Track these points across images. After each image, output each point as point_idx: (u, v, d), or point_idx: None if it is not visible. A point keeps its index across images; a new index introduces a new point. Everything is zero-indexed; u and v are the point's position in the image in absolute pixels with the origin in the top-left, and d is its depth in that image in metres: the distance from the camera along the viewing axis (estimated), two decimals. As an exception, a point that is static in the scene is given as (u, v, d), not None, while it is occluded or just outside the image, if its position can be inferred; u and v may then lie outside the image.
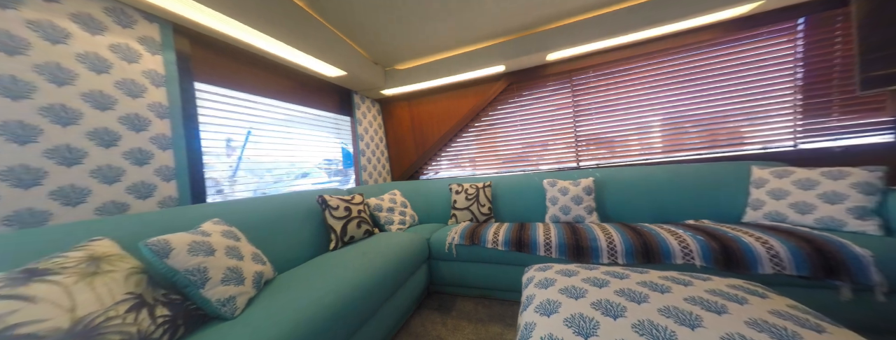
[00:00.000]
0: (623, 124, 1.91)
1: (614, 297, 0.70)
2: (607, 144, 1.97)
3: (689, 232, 1.23)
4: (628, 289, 0.73)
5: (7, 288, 0.49)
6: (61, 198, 0.82)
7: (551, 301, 0.72)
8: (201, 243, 0.78)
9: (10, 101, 0.75)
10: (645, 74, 1.82)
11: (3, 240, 0.64)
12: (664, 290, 0.71)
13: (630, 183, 1.67)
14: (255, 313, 0.75)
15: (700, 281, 0.75)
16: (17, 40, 0.77)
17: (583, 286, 0.77)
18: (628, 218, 1.64)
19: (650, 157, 1.89)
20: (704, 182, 1.52)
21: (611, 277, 0.81)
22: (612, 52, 1.83)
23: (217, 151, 1.36)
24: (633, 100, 1.86)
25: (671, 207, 1.55)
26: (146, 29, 1.03)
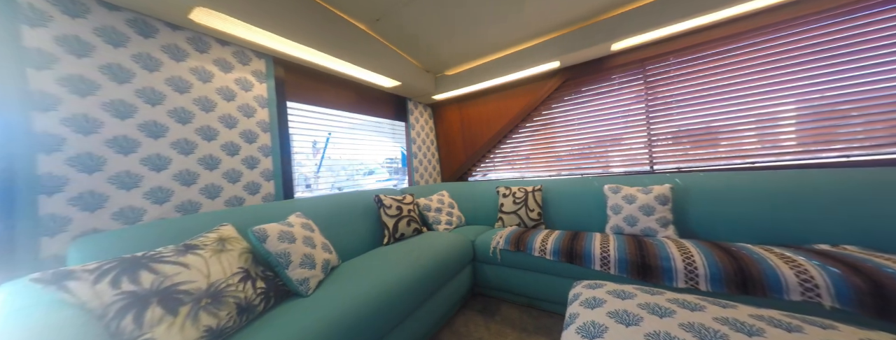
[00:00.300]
0: (718, 119, 1.54)
1: (678, 332, 0.59)
2: (694, 144, 1.62)
3: (814, 261, 0.92)
4: (699, 325, 0.60)
5: (174, 257, 0.72)
6: (206, 193, 1.15)
7: (596, 324, 0.65)
8: (287, 232, 0.98)
9: (180, 125, 1.10)
10: (757, 55, 1.42)
11: (175, 222, 0.94)
12: (753, 333, 0.56)
13: (726, 191, 1.34)
14: (323, 294, 0.91)
15: (817, 328, 0.57)
16: (184, 82, 1.11)
17: (638, 312, 0.67)
18: (720, 235, 1.33)
19: (760, 160, 1.47)
20: (852, 193, 1.10)
21: (678, 306, 0.68)
22: (704, 31, 1.49)
23: (306, 152, 1.69)
24: (734, 88, 1.48)
25: (789, 225, 1.19)
26: (257, 64, 1.35)
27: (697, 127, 1.60)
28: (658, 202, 1.40)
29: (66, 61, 0.85)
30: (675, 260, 1.09)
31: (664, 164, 1.72)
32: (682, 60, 1.59)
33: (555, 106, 2.06)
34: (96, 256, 0.76)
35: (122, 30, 0.96)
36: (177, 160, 1.07)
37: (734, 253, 1.06)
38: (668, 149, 1.69)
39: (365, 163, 2.18)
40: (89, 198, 0.88)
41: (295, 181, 1.55)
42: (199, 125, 1.14)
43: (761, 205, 1.25)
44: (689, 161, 1.64)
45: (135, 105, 0.98)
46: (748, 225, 1.27)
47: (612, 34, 1.54)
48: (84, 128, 0.88)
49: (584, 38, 1.62)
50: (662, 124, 1.69)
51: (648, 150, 1.75)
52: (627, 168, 1.85)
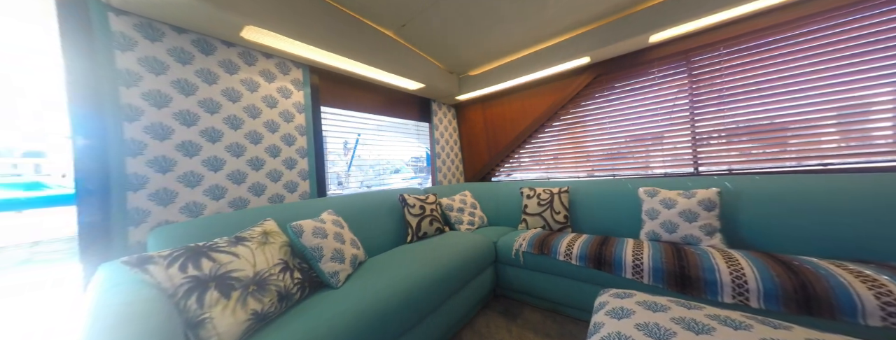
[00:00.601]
0: (785, 113, 1.35)
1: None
2: (753, 142, 1.44)
3: None
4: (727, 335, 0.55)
5: (227, 247, 0.83)
6: (253, 191, 1.29)
7: (622, 336, 0.62)
8: (320, 228, 1.07)
9: (233, 131, 1.24)
10: (842, 35, 1.22)
11: (229, 217, 1.07)
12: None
13: (789, 196, 1.18)
14: (352, 287, 0.97)
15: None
16: (236, 93, 1.26)
17: (671, 326, 0.63)
18: (779, 247, 1.18)
19: (840, 160, 1.26)
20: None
21: (719, 323, 0.63)
22: (766, 14, 1.31)
23: (338, 152, 1.82)
24: (808, 76, 1.29)
25: (871, 239, 1.01)
26: (295, 73, 1.47)
27: (757, 123, 1.42)
28: (702, 207, 1.27)
29: (147, 79, 1.01)
30: (720, 272, 0.99)
31: (711, 165, 1.56)
32: (737, 49, 1.42)
33: (585, 103, 1.96)
34: (168, 244, 0.89)
35: (188, 49, 1.12)
36: (230, 161, 1.22)
37: (795, 267, 0.94)
38: (717, 148, 1.53)
39: (391, 162, 2.29)
40: (163, 194, 1.04)
41: (327, 180, 1.66)
42: (247, 130, 1.28)
43: (836, 214, 1.08)
44: (745, 162, 1.47)
45: (197, 114, 1.13)
46: (816, 237, 1.11)
47: (650, 25, 1.43)
48: (160, 134, 1.04)
49: (619, 30, 1.52)
50: (710, 121, 1.53)
51: (693, 150, 1.59)
52: (667, 169, 1.70)
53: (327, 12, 1.34)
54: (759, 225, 1.22)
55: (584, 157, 2.02)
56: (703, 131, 1.55)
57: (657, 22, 1.40)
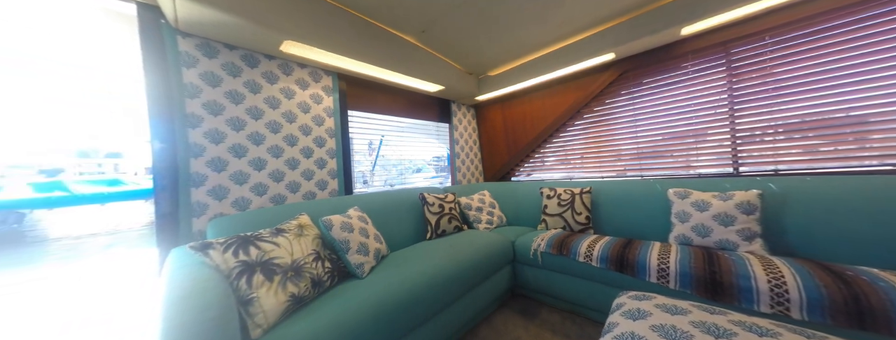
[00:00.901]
0: (846, 107, 1.21)
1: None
2: (802, 140, 1.31)
3: None
4: None
5: (270, 237, 0.95)
6: (289, 188, 1.44)
7: (636, 336, 0.62)
8: (347, 223, 1.17)
9: (273, 134, 1.39)
10: None
11: (270, 211, 1.21)
12: None
13: (847, 200, 1.07)
14: (375, 278, 1.06)
15: None
16: (275, 100, 1.40)
17: (689, 329, 0.62)
18: (831, 255, 1.07)
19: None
20: None
21: (742, 329, 0.60)
22: (814, 1, 1.19)
23: (363, 151, 1.95)
24: (863, 69, 1.15)
25: None
26: (326, 81, 1.61)
27: (810, 118, 1.28)
28: (740, 210, 1.19)
29: (206, 91, 1.18)
30: (756, 279, 0.93)
31: (754, 165, 1.43)
32: (787, 38, 1.29)
33: (609, 101, 1.89)
34: (223, 233, 1.04)
35: (237, 63, 1.27)
36: (271, 162, 1.37)
37: (848, 277, 0.85)
38: (762, 147, 1.40)
39: (414, 161, 2.39)
40: (218, 190, 1.20)
41: (353, 178, 1.79)
42: (285, 134, 1.42)
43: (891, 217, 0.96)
44: (795, 161, 1.33)
45: (245, 120, 1.29)
46: (878, 245, 0.99)
47: (682, 17, 1.35)
48: (215, 138, 1.20)
49: (647, 24, 1.45)
50: (753, 117, 1.41)
51: (732, 149, 1.48)
52: (703, 170, 1.59)
53: (353, 23, 1.45)
54: (809, 230, 1.12)
55: (609, 157, 1.95)
56: (745, 128, 1.43)
57: (690, 13, 1.32)
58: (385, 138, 2.11)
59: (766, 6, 1.23)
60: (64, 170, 8.58)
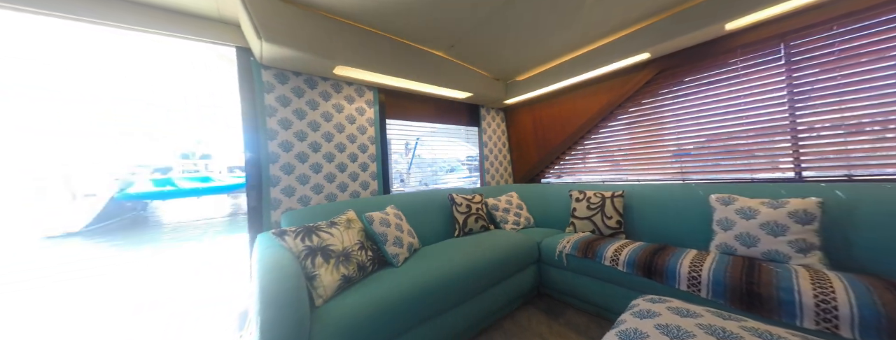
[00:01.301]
0: None
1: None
2: (880, 141, 1.14)
3: None
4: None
5: (326, 228, 1.18)
6: (339, 188, 1.70)
7: (638, 332, 0.68)
8: (385, 219, 1.37)
9: (327, 143, 1.67)
10: None
11: (325, 207, 1.47)
12: None
13: None
14: (408, 267, 1.23)
15: None
16: (329, 114, 1.68)
17: (693, 330, 0.65)
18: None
19: None
20: None
21: (752, 335, 0.62)
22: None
23: (400, 152, 2.18)
24: None
25: None
26: (368, 95, 1.85)
27: (888, 118, 1.11)
28: (794, 219, 1.09)
29: (280, 110, 1.49)
30: (801, 293, 0.88)
31: (822, 170, 1.27)
32: (855, 27, 1.13)
33: (646, 101, 1.81)
34: (293, 223, 1.31)
35: (301, 86, 1.57)
36: (325, 166, 1.65)
37: None
38: (829, 149, 1.24)
39: (448, 161, 2.58)
40: (288, 190, 1.50)
41: (391, 179, 2.01)
42: (336, 142, 1.70)
43: None
44: (871, 166, 1.16)
45: (306, 132, 1.58)
46: None
47: (724, 12, 1.26)
48: (286, 148, 1.51)
49: (684, 22, 1.38)
50: (818, 117, 1.25)
51: (794, 152, 1.33)
52: (758, 174, 1.45)
53: (390, 45, 1.65)
54: (882, 244, 0.98)
55: (647, 160, 1.86)
56: (809, 128, 1.27)
57: (735, 7, 1.23)
58: (420, 140, 2.32)
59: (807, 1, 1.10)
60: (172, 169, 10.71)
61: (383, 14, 1.38)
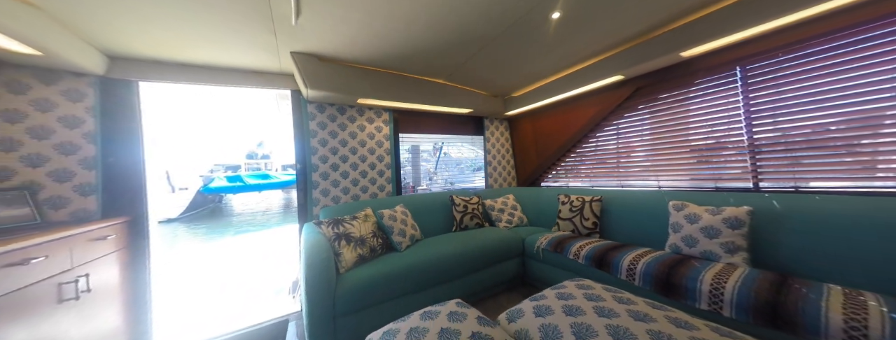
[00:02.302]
0: (859, 123, 1.12)
1: (593, 319, 0.82)
2: (821, 156, 1.23)
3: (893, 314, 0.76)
4: (622, 320, 0.79)
5: (349, 221, 1.65)
6: (361, 190, 2.18)
7: (547, 307, 0.93)
8: (393, 215, 1.79)
9: (353, 155, 2.15)
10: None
11: (350, 205, 1.95)
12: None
13: (850, 220, 1.04)
14: (409, 252, 1.64)
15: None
16: (354, 133, 2.16)
17: (588, 309, 0.87)
18: (824, 274, 1.06)
19: None
20: None
21: (630, 316, 0.81)
22: (817, 21, 1.12)
23: (408, 160, 2.61)
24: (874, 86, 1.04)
25: None
26: (384, 116, 2.30)
27: (828, 136, 1.20)
28: (727, 225, 1.26)
29: (320, 133, 2.00)
30: (703, 282, 1.09)
31: (774, 181, 1.38)
32: (800, 54, 1.23)
33: (627, 115, 1.96)
34: (327, 216, 1.81)
35: (333, 114, 2.07)
36: (352, 173, 2.14)
37: (791, 286, 0.94)
38: (779, 163, 1.34)
39: (475, 160, 2.96)
40: (324, 191, 2.02)
41: (402, 183, 2.45)
42: (360, 155, 2.17)
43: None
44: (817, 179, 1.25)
45: (338, 148, 2.08)
46: (866, 266, 0.97)
47: (679, 43, 1.42)
48: (324, 160, 2.02)
49: (646, 51, 1.56)
50: (770, 133, 1.36)
51: (751, 165, 1.44)
52: (722, 183, 1.57)
53: (398, 79, 2.06)
54: (804, 248, 1.12)
55: (626, 168, 2.02)
56: (763, 144, 1.38)
57: (688, 39, 1.39)
58: (444, 143, 2.76)
59: (750, 34, 1.22)
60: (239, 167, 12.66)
61: (389, 60, 1.79)
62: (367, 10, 1.18)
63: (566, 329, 0.78)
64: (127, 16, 1.11)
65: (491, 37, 1.47)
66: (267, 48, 1.48)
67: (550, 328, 0.80)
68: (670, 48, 1.44)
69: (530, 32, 1.43)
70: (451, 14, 1.23)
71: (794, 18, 1.12)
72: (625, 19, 1.36)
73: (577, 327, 0.78)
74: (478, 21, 1.30)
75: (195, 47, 1.40)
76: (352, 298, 1.28)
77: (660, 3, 1.24)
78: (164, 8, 1.08)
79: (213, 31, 1.27)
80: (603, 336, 0.73)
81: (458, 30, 1.38)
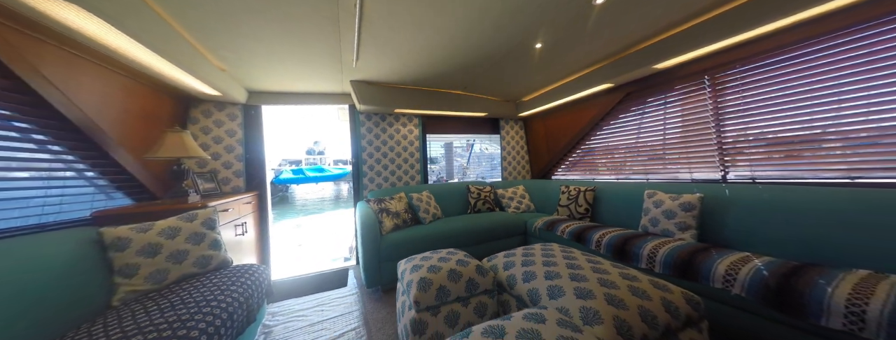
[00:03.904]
0: (796, 126, 1.32)
1: (562, 268, 1.27)
2: (763, 153, 1.44)
3: (759, 264, 1.06)
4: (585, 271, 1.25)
5: (388, 201, 2.27)
6: (397, 179, 2.81)
7: (512, 262, 1.43)
8: (420, 198, 2.37)
9: (392, 152, 2.78)
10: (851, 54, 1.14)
11: (390, 189, 2.59)
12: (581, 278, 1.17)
13: (782, 205, 1.28)
14: (431, 225, 2.20)
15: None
16: (392, 136, 2.79)
17: (538, 259, 1.36)
18: (753, 247, 1.32)
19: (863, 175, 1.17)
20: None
21: (566, 258, 1.30)
22: (776, 35, 1.33)
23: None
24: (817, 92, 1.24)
25: (837, 247, 1.10)
26: (415, 121, 2.88)
27: (771, 135, 1.41)
28: (681, 208, 1.55)
29: (367, 135, 2.67)
30: (645, 248, 1.43)
31: (739, 173, 1.59)
32: (754, 66, 1.45)
33: (622, 116, 2.22)
34: (373, 196, 2.47)
35: (378, 120, 2.71)
36: (390, 165, 2.79)
37: (708, 251, 1.26)
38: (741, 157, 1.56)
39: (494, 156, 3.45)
40: (371, 179, 2.69)
41: (428, 174, 3.02)
42: (396, 151, 2.80)
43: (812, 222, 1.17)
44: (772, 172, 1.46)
45: (381, 147, 2.73)
46: (784, 240, 1.23)
47: (651, 58, 1.70)
48: (371, 155, 2.69)
49: (625, 64, 1.85)
50: (733, 132, 1.58)
51: (720, 159, 1.66)
52: (695, 174, 1.80)
53: (425, 92, 2.60)
54: (743, 228, 1.37)
55: (620, 162, 2.28)
56: (728, 141, 1.59)
57: (657, 56, 1.66)
58: (476, 140, 3.28)
59: (709, 50, 1.45)
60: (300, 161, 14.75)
61: (416, 81, 2.34)
62: (398, 56, 1.74)
63: (538, 270, 1.25)
64: (262, 71, 1.85)
65: (492, 61, 1.91)
66: (336, 80, 2.15)
67: (518, 270, 1.28)
68: (644, 62, 1.71)
69: (520, 56, 1.84)
70: (460, 49, 1.71)
71: (743, 38, 1.35)
72: (597, 45, 1.69)
73: (539, 269, 1.24)
74: (480, 51, 1.75)
75: (294, 83, 2.14)
76: (390, 250, 1.89)
77: (625, 29, 1.55)
78: (280, 64, 1.78)
79: (306, 73, 1.97)
80: (565, 277, 1.13)
81: (467, 58, 1.85)
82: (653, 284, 1.00)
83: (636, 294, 0.93)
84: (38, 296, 0.87)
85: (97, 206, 1.36)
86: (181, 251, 1.21)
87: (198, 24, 1.28)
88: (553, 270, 1.12)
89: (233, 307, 1.03)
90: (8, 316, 0.79)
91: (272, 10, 1.20)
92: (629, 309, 0.87)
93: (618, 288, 0.95)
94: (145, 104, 1.59)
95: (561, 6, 1.25)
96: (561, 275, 1.07)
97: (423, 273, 1.18)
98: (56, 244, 0.99)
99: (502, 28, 1.41)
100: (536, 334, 0.76)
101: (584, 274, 1.05)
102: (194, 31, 1.32)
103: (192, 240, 1.26)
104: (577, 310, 0.88)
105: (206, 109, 2.11)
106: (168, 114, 1.81)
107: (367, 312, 1.66)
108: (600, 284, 0.98)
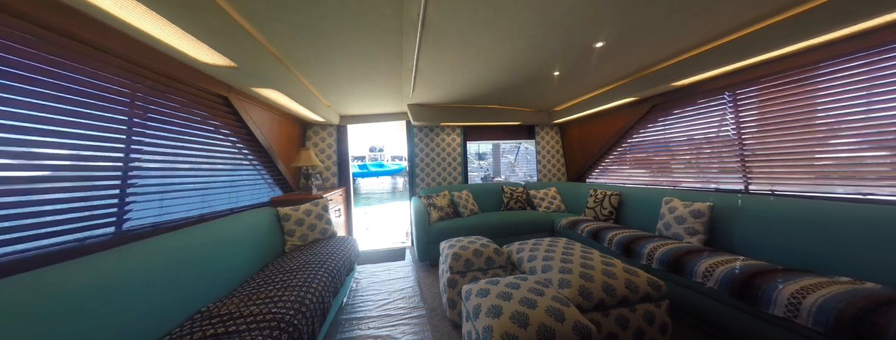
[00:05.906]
0: (821, 142, 1.38)
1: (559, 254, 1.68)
2: (778, 166, 1.51)
3: (739, 266, 1.27)
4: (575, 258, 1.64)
5: (435, 197, 2.87)
6: (442, 179, 3.42)
7: (524, 243, 1.86)
8: (460, 196, 2.92)
9: (438, 157, 3.39)
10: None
11: (435, 188, 3.20)
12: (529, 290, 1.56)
13: (786, 216, 1.39)
14: (469, 218, 2.72)
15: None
16: (438, 144, 3.38)
17: (538, 246, 1.78)
18: (760, 253, 1.46)
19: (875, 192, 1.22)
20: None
21: (564, 248, 1.69)
22: (787, 58, 1.40)
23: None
24: (834, 111, 1.29)
25: (831, 257, 1.24)
26: (458, 131, 3.41)
27: (789, 150, 1.47)
28: (692, 215, 1.73)
29: (419, 145, 3.33)
30: (646, 248, 1.69)
31: (760, 185, 1.66)
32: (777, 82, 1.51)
33: (650, 125, 2.32)
34: (424, 193, 3.12)
35: (427, 132, 3.34)
36: (436, 168, 3.39)
37: (701, 252, 1.48)
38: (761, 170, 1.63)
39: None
40: (422, 178, 3.35)
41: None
42: (442, 157, 3.39)
43: (815, 235, 1.28)
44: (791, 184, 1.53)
45: (430, 153, 3.35)
46: (792, 250, 1.35)
47: (670, 76, 1.85)
48: (423, 161, 3.34)
49: (647, 82, 2.00)
50: (752, 146, 1.64)
51: (742, 170, 1.74)
52: (716, 185, 1.88)
53: (466, 108, 3.09)
54: (749, 236, 1.51)
55: (647, 169, 2.39)
56: (748, 155, 1.66)
57: (677, 74, 1.80)
58: (523, 144, 3.71)
59: (733, 67, 1.55)
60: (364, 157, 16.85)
61: (458, 100, 2.85)
62: (441, 87, 2.28)
63: (538, 254, 1.68)
64: (349, 102, 2.65)
65: (518, 85, 2.30)
66: (398, 104, 2.85)
67: (526, 254, 1.72)
68: (664, 80, 1.86)
69: (543, 80, 2.17)
70: (488, 80, 2.16)
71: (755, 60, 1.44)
72: (612, 67, 1.91)
73: (540, 253, 1.67)
74: (507, 83, 2.16)
75: (369, 108, 2.92)
76: (435, 235, 2.49)
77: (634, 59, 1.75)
78: (362, 99, 2.53)
79: (378, 102, 2.71)
80: (556, 260, 1.58)
81: (496, 83, 2.28)
82: (625, 271, 1.33)
83: (606, 274, 1.29)
84: (257, 243, 1.72)
85: (273, 194, 2.31)
86: (313, 224, 2.02)
87: (320, 83, 2.06)
88: (549, 254, 1.53)
89: (343, 259, 1.75)
90: (246, 254, 1.62)
91: (359, 64, 1.87)
92: (595, 282, 1.24)
93: (593, 269, 1.32)
94: (289, 131, 2.53)
95: (567, 47, 1.58)
96: (553, 258, 1.48)
97: (457, 249, 1.72)
98: (263, 215, 1.86)
99: (529, 61, 1.80)
100: (519, 285, 1.22)
101: (572, 259, 1.44)
102: (315, 84, 2.12)
103: (318, 218, 2.07)
104: (556, 279, 1.30)
105: (315, 130, 3.09)
106: (297, 135, 2.77)
107: (419, 277, 2.31)
108: (581, 266, 1.36)
